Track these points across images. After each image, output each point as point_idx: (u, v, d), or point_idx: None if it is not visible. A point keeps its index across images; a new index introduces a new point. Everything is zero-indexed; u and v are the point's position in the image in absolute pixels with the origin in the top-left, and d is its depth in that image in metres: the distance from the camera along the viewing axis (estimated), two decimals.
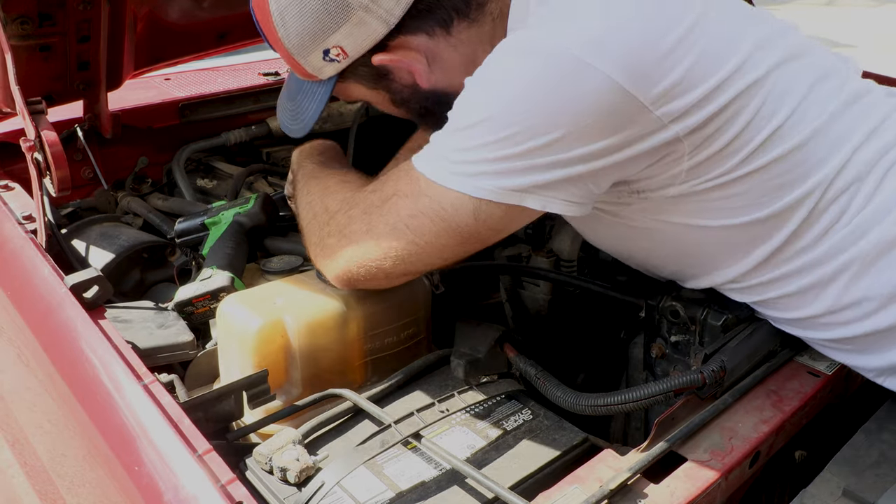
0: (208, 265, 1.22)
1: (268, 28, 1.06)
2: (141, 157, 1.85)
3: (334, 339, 1.06)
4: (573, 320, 1.41)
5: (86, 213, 1.64)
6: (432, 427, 0.95)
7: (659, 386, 0.93)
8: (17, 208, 1.32)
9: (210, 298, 1.17)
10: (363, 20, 0.99)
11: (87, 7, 1.43)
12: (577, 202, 0.92)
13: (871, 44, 7.57)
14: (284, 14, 1.01)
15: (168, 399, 0.86)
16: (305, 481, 0.87)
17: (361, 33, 1.00)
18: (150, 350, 1.07)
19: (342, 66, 1.05)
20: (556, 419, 1.01)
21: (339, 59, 1.03)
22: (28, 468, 1.31)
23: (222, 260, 1.23)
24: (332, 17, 0.99)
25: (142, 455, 0.81)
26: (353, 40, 1.01)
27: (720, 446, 0.89)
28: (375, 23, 0.99)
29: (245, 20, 1.84)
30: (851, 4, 9.98)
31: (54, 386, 1.00)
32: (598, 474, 0.84)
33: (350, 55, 1.03)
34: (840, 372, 1.04)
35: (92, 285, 1.03)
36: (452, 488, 0.88)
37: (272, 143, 1.96)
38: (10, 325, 1.15)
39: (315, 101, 1.10)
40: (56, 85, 1.54)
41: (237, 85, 2.09)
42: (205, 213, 1.38)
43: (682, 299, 1.08)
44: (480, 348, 1.09)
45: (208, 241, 1.31)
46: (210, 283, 1.17)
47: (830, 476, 0.90)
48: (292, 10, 1.00)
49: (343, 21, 0.99)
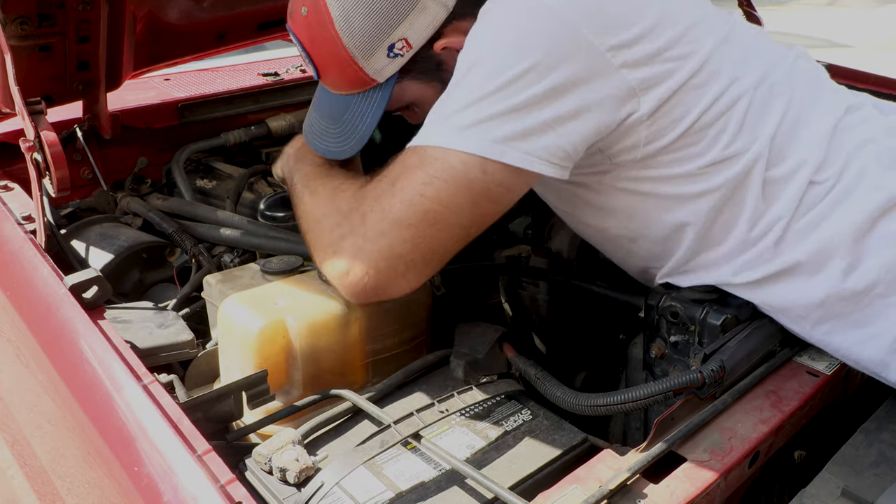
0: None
1: (324, 39, 1.07)
2: (140, 157, 1.85)
3: (336, 340, 1.06)
4: (572, 321, 1.41)
5: (85, 214, 1.64)
6: (432, 427, 0.95)
7: (658, 386, 0.93)
8: (16, 208, 1.32)
9: None
10: (426, 6, 1.05)
11: (87, 7, 1.43)
12: (555, 163, 0.96)
13: (870, 44, 7.57)
14: (350, 15, 1.04)
15: (167, 399, 0.86)
16: (305, 482, 0.87)
17: (424, 20, 1.06)
18: (150, 350, 1.07)
19: (404, 60, 1.09)
20: (555, 419, 1.01)
21: (403, 52, 1.07)
22: (27, 468, 1.31)
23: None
24: (398, 8, 1.04)
25: (141, 455, 0.81)
26: (416, 29, 1.06)
27: (720, 446, 0.89)
28: (436, 7, 1.05)
29: (244, 20, 1.87)
30: (852, 5, 9.98)
31: (54, 386, 1.00)
32: (597, 474, 0.84)
33: (414, 46, 1.07)
34: (839, 372, 1.04)
35: (91, 285, 1.03)
36: (452, 488, 0.88)
37: (272, 144, 1.96)
38: (10, 325, 1.15)
39: (371, 110, 1.12)
40: (55, 85, 1.54)
41: (236, 85, 2.09)
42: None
43: (681, 299, 1.08)
44: (480, 349, 1.09)
45: None
46: None
47: (830, 476, 0.90)
48: (359, 9, 1.04)
49: (409, 10, 1.04)
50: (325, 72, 1.14)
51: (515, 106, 0.93)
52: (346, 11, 1.04)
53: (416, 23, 1.05)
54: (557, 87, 0.93)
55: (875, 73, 1.98)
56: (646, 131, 0.98)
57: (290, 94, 2.10)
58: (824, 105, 1.06)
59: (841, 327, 1.01)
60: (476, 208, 0.97)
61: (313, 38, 1.09)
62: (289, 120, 1.96)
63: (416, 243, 0.97)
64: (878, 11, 9.67)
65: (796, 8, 9.78)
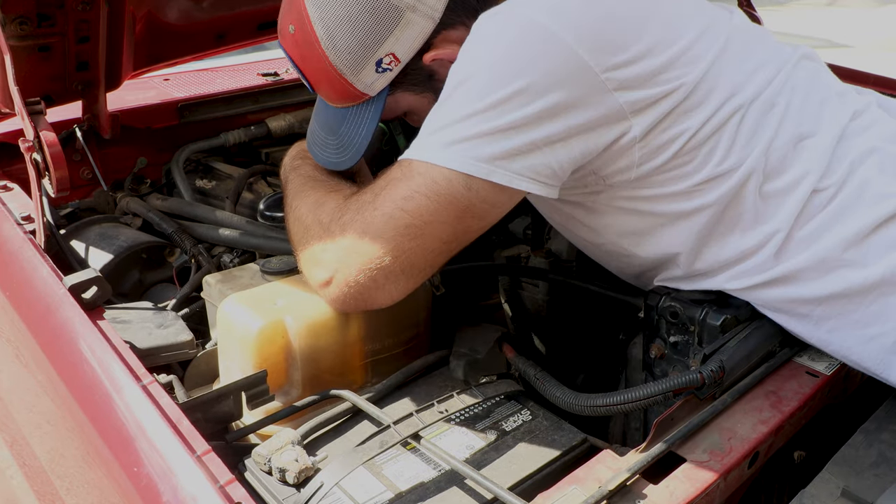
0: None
1: (312, 57, 1.08)
2: (140, 157, 1.85)
3: (335, 340, 1.06)
4: (572, 321, 1.41)
5: (85, 214, 1.64)
6: (431, 428, 0.95)
7: (658, 386, 0.93)
8: (15, 209, 1.31)
9: None
10: (411, 21, 1.03)
11: (86, 7, 1.43)
12: (542, 181, 0.95)
13: (870, 44, 7.57)
14: (334, 33, 1.04)
15: (167, 400, 0.86)
16: (304, 482, 0.87)
17: (410, 34, 1.04)
18: (150, 350, 1.07)
19: (394, 74, 1.08)
20: (555, 420, 1.01)
21: (392, 66, 1.06)
22: (27, 469, 1.30)
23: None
24: (383, 25, 1.03)
25: (141, 456, 0.81)
26: (403, 43, 1.05)
27: (719, 447, 0.89)
28: (422, 21, 1.03)
29: (243, 21, 1.87)
30: (852, 5, 9.98)
31: (53, 386, 1.00)
32: (597, 475, 0.84)
33: (402, 60, 1.06)
34: (839, 372, 1.04)
35: (91, 286, 1.03)
36: (451, 489, 0.88)
37: (271, 144, 1.96)
38: (9, 325, 1.15)
39: (366, 122, 1.12)
40: (55, 85, 1.54)
41: (236, 85, 2.09)
42: None
43: (680, 300, 1.08)
44: (479, 349, 1.09)
45: None
46: None
47: (829, 476, 0.90)
48: (342, 28, 1.03)
49: (393, 26, 1.03)
50: (317, 87, 1.15)
51: (504, 125, 0.92)
52: (330, 30, 1.04)
53: (403, 37, 1.04)
54: (549, 110, 0.92)
55: (875, 73, 1.98)
56: (639, 152, 0.97)
57: (290, 94, 2.10)
58: (829, 112, 1.04)
59: (843, 326, 1.01)
60: (459, 223, 0.97)
61: (303, 55, 1.10)
62: (288, 120, 1.96)
63: (397, 256, 0.96)
64: (878, 11, 9.68)
65: (796, 8, 9.79)
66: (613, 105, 0.94)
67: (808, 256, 0.99)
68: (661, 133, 0.97)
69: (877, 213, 0.97)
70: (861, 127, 1.04)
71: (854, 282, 0.98)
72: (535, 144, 0.93)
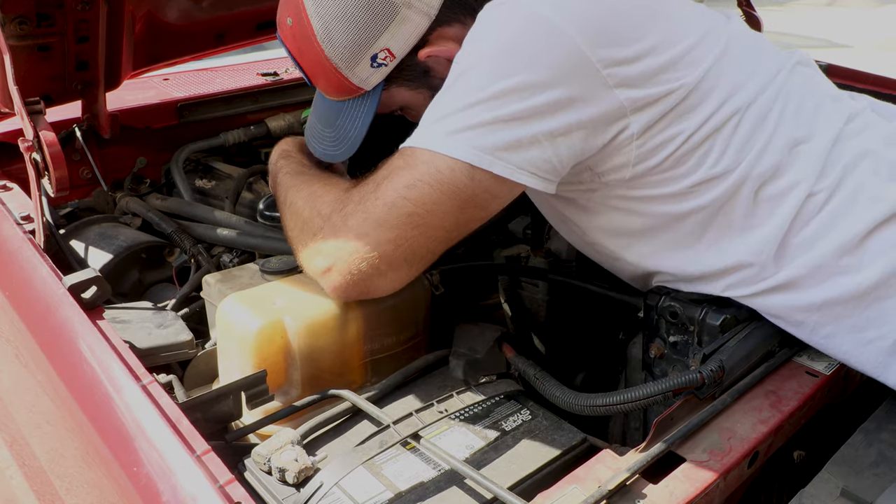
0: None
1: (309, 50, 1.08)
2: (139, 157, 1.85)
3: (334, 339, 1.06)
4: (572, 321, 1.41)
5: (84, 214, 1.64)
6: (431, 427, 0.95)
7: (657, 386, 0.93)
8: (15, 208, 1.31)
9: None
10: (406, 17, 1.04)
11: (86, 7, 1.43)
12: (542, 176, 0.95)
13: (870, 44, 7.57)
14: (330, 28, 1.05)
15: (166, 399, 0.86)
16: (304, 482, 0.87)
17: (406, 31, 1.05)
18: (149, 350, 1.07)
19: (389, 69, 1.09)
20: (554, 419, 1.01)
21: (387, 62, 1.07)
22: (26, 468, 1.30)
23: None
24: (378, 20, 1.04)
25: (140, 456, 0.81)
26: (398, 40, 1.06)
27: (719, 446, 0.89)
28: (418, 17, 1.04)
29: (243, 20, 1.86)
30: (851, 5, 9.99)
31: (53, 386, 1.00)
32: (596, 474, 0.84)
33: (397, 56, 1.07)
34: (839, 372, 1.04)
35: (90, 286, 1.03)
36: (451, 489, 0.88)
37: (271, 144, 1.95)
38: (9, 325, 1.15)
39: (361, 116, 1.13)
40: (54, 85, 1.54)
41: (236, 85, 2.09)
42: None
43: (680, 300, 1.08)
44: (479, 349, 1.09)
45: None
46: None
47: (829, 476, 0.90)
48: (338, 23, 1.04)
49: (389, 22, 1.04)
50: (314, 80, 1.15)
51: (507, 116, 0.92)
52: (327, 24, 1.05)
53: (398, 33, 1.05)
54: (550, 105, 0.92)
55: (875, 73, 1.98)
56: (636, 151, 0.97)
57: (290, 93, 2.10)
58: (824, 116, 1.04)
59: (840, 331, 1.01)
60: (462, 213, 0.97)
61: (300, 48, 1.11)
62: (288, 120, 1.96)
63: (398, 244, 0.97)
64: (877, 11, 9.68)
65: (796, 8, 9.79)
66: (614, 102, 0.94)
67: (804, 263, 0.99)
68: (658, 133, 0.97)
69: (871, 217, 0.97)
70: (855, 130, 1.04)
71: (849, 287, 0.98)
72: (536, 138, 0.93)
